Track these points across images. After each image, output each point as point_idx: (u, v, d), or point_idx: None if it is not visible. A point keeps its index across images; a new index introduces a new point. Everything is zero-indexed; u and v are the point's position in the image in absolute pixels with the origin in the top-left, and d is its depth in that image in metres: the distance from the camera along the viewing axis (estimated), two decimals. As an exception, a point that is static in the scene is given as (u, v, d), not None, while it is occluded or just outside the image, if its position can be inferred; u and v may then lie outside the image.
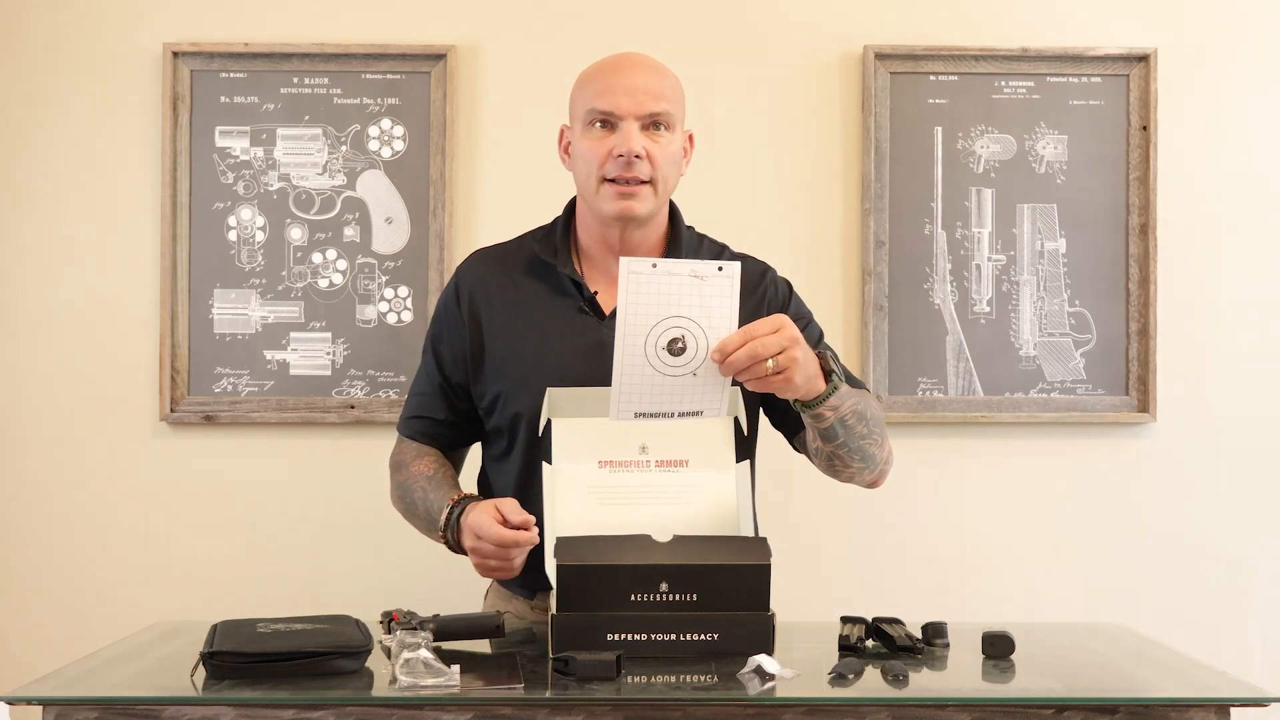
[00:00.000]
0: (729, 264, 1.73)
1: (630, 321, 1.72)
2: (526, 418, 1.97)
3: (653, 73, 2.00)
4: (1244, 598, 2.91)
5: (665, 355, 1.73)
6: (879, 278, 2.87)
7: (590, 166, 1.98)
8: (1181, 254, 2.91)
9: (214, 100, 2.87)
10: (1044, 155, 2.90)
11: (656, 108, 1.96)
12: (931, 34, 2.90)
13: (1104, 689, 1.70)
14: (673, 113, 1.99)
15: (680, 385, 1.75)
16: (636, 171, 1.95)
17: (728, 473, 1.88)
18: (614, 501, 1.85)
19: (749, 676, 1.62)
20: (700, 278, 1.71)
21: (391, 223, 2.88)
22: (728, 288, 1.72)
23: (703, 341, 1.73)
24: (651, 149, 1.95)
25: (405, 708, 1.54)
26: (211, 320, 2.86)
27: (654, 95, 1.96)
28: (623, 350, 1.73)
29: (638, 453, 1.86)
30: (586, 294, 2.01)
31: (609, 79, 1.98)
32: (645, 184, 1.96)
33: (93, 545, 2.86)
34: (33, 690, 1.58)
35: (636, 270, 1.71)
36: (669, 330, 1.72)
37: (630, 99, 1.95)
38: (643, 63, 2.01)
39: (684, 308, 1.72)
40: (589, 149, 1.98)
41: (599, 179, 1.97)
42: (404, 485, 2.06)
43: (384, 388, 2.86)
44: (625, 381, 1.74)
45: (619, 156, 1.94)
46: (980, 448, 2.90)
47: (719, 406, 1.78)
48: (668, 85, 2.00)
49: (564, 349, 1.98)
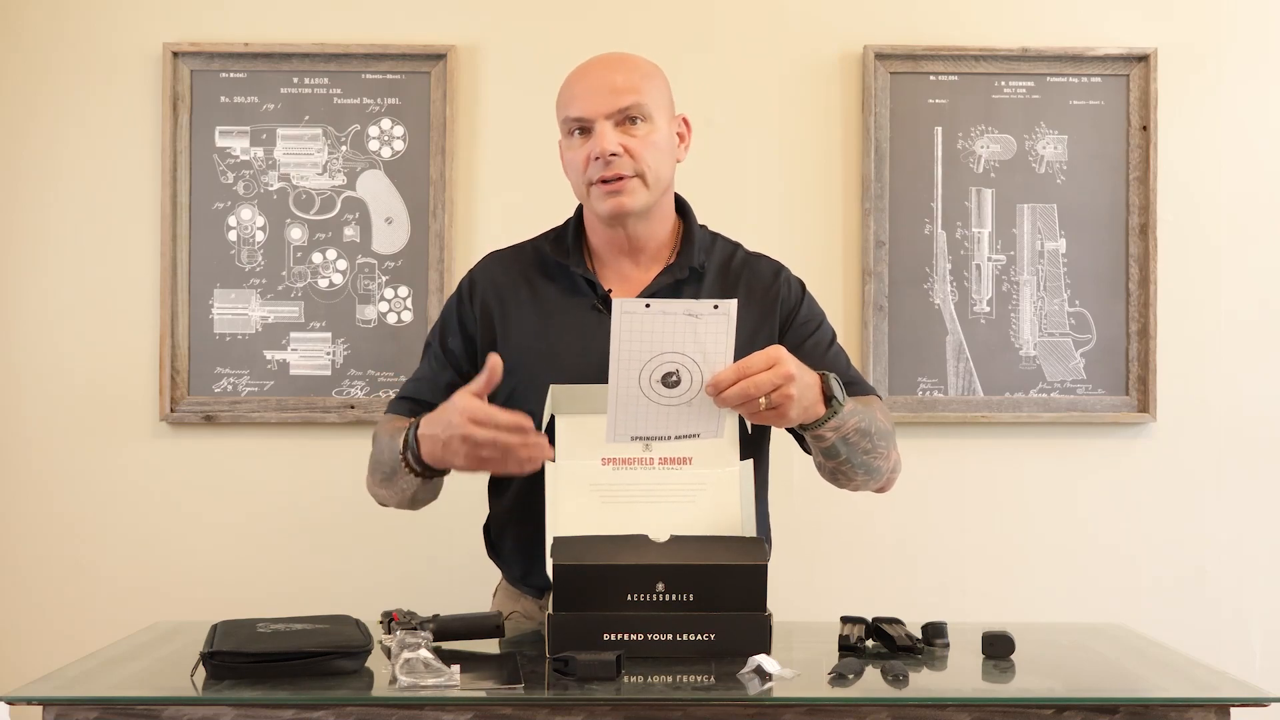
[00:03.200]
0: (725, 301, 1.70)
1: (624, 359, 1.70)
2: (538, 416, 1.96)
3: (619, 68, 1.98)
4: (1244, 598, 2.91)
5: (660, 388, 1.73)
6: (879, 278, 2.87)
7: (577, 175, 1.99)
8: (1181, 254, 2.91)
9: (214, 100, 2.87)
10: (1044, 155, 2.90)
11: (624, 102, 1.95)
12: (931, 34, 2.90)
13: (1104, 689, 1.70)
14: (645, 103, 1.96)
15: (676, 413, 1.74)
16: (617, 169, 1.94)
17: (731, 471, 1.88)
18: (616, 500, 1.85)
19: (749, 676, 1.62)
20: (695, 316, 1.70)
21: (391, 223, 2.88)
22: (724, 324, 1.70)
23: (697, 375, 1.72)
24: (629, 143, 1.94)
25: (405, 708, 1.54)
26: (211, 320, 2.86)
27: (620, 91, 1.95)
28: (617, 383, 1.71)
29: (641, 450, 1.86)
30: (600, 292, 2.01)
31: (576, 85, 1.98)
32: (632, 178, 1.95)
33: (93, 545, 2.87)
34: (33, 690, 1.58)
35: (629, 310, 1.68)
36: (663, 365, 1.71)
37: (597, 99, 1.95)
38: (609, 61, 2.00)
39: (679, 344, 1.71)
40: (572, 159, 1.99)
41: (586, 184, 1.98)
42: (374, 457, 2.00)
43: (384, 388, 2.86)
44: (620, 409, 1.73)
45: (596, 159, 1.94)
46: (980, 448, 2.90)
47: (715, 430, 1.77)
48: (638, 76, 1.98)
49: (577, 348, 1.98)
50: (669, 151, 2.01)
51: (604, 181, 1.95)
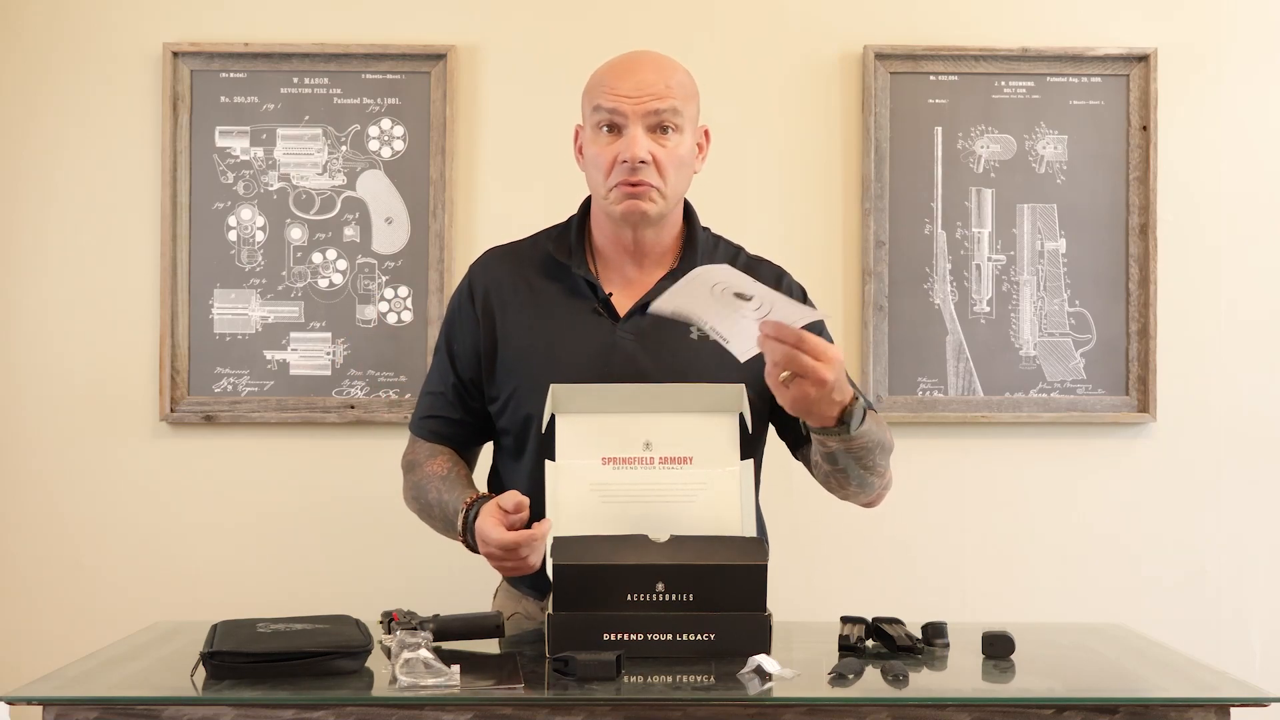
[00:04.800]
0: (821, 313, 1.73)
1: (708, 275, 1.67)
2: (538, 419, 1.96)
3: (659, 70, 1.98)
4: (1244, 598, 2.91)
5: (728, 296, 1.70)
6: (879, 278, 2.87)
7: (599, 173, 1.98)
8: (1181, 254, 2.91)
9: (214, 100, 2.87)
10: (1044, 155, 2.90)
11: (661, 105, 1.95)
12: (931, 34, 2.90)
13: (1104, 689, 1.70)
14: (680, 111, 1.97)
15: (726, 313, 1.71)
16: (643, 176, 1.94)
17: (731, 470, 1.88)
18: (616, 499, 1.85)
19: (749, 676, 1.62)
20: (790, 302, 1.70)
21: (391, 223, 2.88)
22: (805, 315, 1.70)
23: (767, 310, 1.69)
24: (657, 153, 1.94)
25: (405, 708, 1.54)
26: (211, 320, 2.86)
27: (658, 94, 1.95)
28: (692, 278, 1.68)
29: (641, 449, 1.86)
30: (601, 295, 2.01)
31: (615, 79, 1.97)
32: (653, 188, 1.95)
33: (93, 545, 2.86)
34: (33, 690, 1.58)
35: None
36: (745, 290, 1.68)
37: (634, 98, 1.94)
38: (649, 61, 2.00)
39: (766, 291, 1.68)
40: (597, 154, 1.97)
41: (607, 184, 1.97)
42: (418, 485, 2.05)
43: (384, 388, 2.86)
44: (680, 289, 1.69)
45: (624, 162, 1.94)
46: (980, 448, 2.90)
47: (746, 351, 1.75)
48: (675, 83, 1.98)
49: (577, 350, 1.98)
50: (689, 165, 2.02)
51: (627, 184, 1.94)
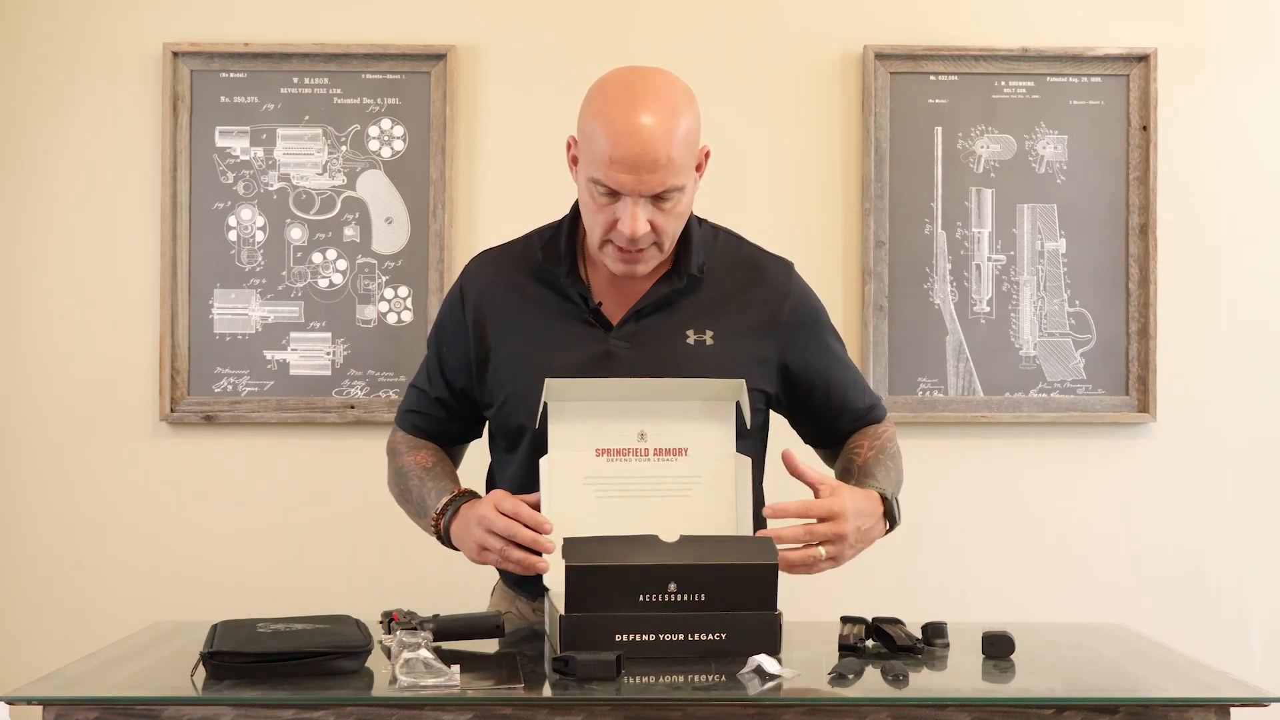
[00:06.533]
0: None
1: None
2: (530, 427, 1.95)
3: (662, 138, 1.81)
4: (1244, 598, 2.91)
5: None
6: (879, 278, 2.87)
7: (593, 226, 1.90)
8: (1181, 254, 2.91)
9: (214, 100, 2.87)
10: (1044, 155, 2.90)
11: (661, 186, 1.82)
12: (931, 34, 2.90)
13: (1104, 689, 1.70)
14: (681, 178, 1.84)
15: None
16: (641, 245, 1.87)
17: (727, 463, 1.87)
18: (610, 494, 1.84)
19: (749, 676, 1.62)
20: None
21: (391, 223, 2.88)
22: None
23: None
24: (656, 219, 1.85)
25: (405, 708, 1.54)
26: (211, 320, 2.86)
27: (660, 169, 1.81)
28: None
29: (636, 440, 1.85)
30: (591, 306, 1.99)
31: (612, 148, 1.81)
32: (650, 246, 1.89)
33: (93, 545, 2.87)
34: (33, 690, 1.58)
35: None
36: None
37: (634, 179, 1.81)
38: (649, 135, 1.81)
39: None
40: (594, 211, 1.88)
41: (601, 239, 1.89)
42: (400, 472, 2.06)
43: (384, 388, 2.86)
44: None
45: (622, 231, 1.86)
46: (980, 448, 2.90)
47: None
48: (676, 149, 1.82)
49: (568, 359, 1.96)
50: (688, 211, 1.93)
51: (624, 249, 1.88)
